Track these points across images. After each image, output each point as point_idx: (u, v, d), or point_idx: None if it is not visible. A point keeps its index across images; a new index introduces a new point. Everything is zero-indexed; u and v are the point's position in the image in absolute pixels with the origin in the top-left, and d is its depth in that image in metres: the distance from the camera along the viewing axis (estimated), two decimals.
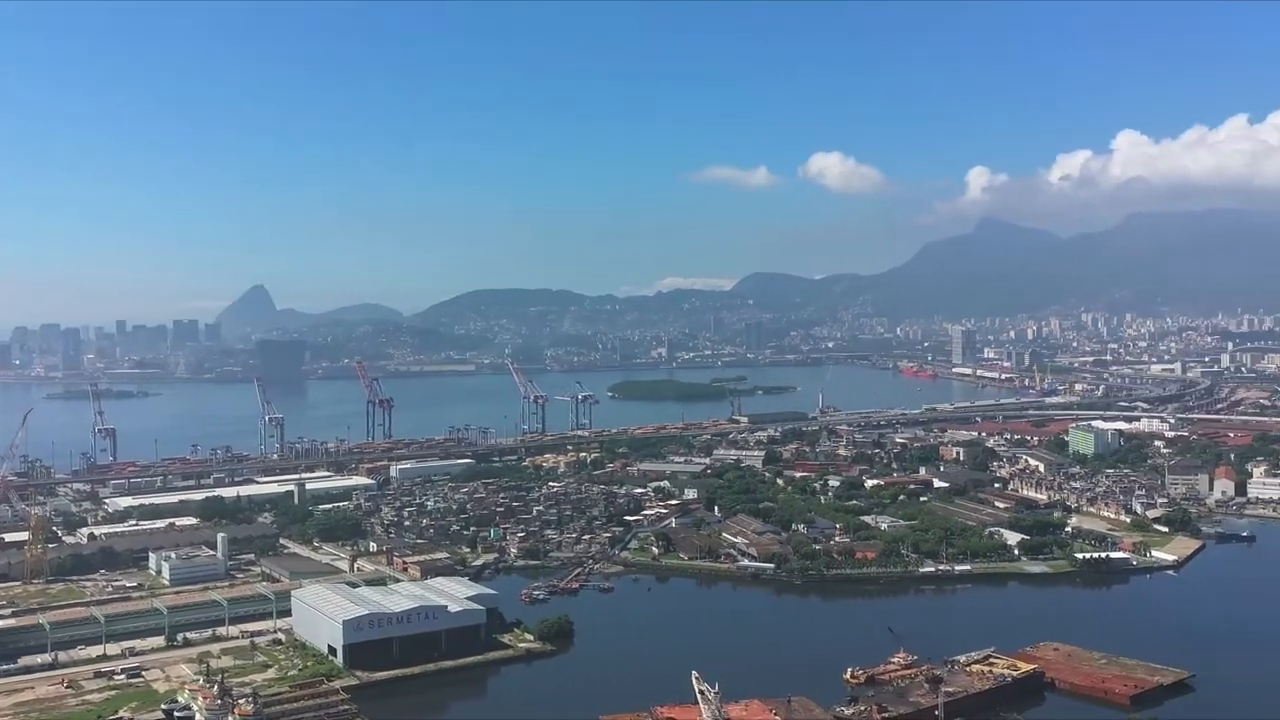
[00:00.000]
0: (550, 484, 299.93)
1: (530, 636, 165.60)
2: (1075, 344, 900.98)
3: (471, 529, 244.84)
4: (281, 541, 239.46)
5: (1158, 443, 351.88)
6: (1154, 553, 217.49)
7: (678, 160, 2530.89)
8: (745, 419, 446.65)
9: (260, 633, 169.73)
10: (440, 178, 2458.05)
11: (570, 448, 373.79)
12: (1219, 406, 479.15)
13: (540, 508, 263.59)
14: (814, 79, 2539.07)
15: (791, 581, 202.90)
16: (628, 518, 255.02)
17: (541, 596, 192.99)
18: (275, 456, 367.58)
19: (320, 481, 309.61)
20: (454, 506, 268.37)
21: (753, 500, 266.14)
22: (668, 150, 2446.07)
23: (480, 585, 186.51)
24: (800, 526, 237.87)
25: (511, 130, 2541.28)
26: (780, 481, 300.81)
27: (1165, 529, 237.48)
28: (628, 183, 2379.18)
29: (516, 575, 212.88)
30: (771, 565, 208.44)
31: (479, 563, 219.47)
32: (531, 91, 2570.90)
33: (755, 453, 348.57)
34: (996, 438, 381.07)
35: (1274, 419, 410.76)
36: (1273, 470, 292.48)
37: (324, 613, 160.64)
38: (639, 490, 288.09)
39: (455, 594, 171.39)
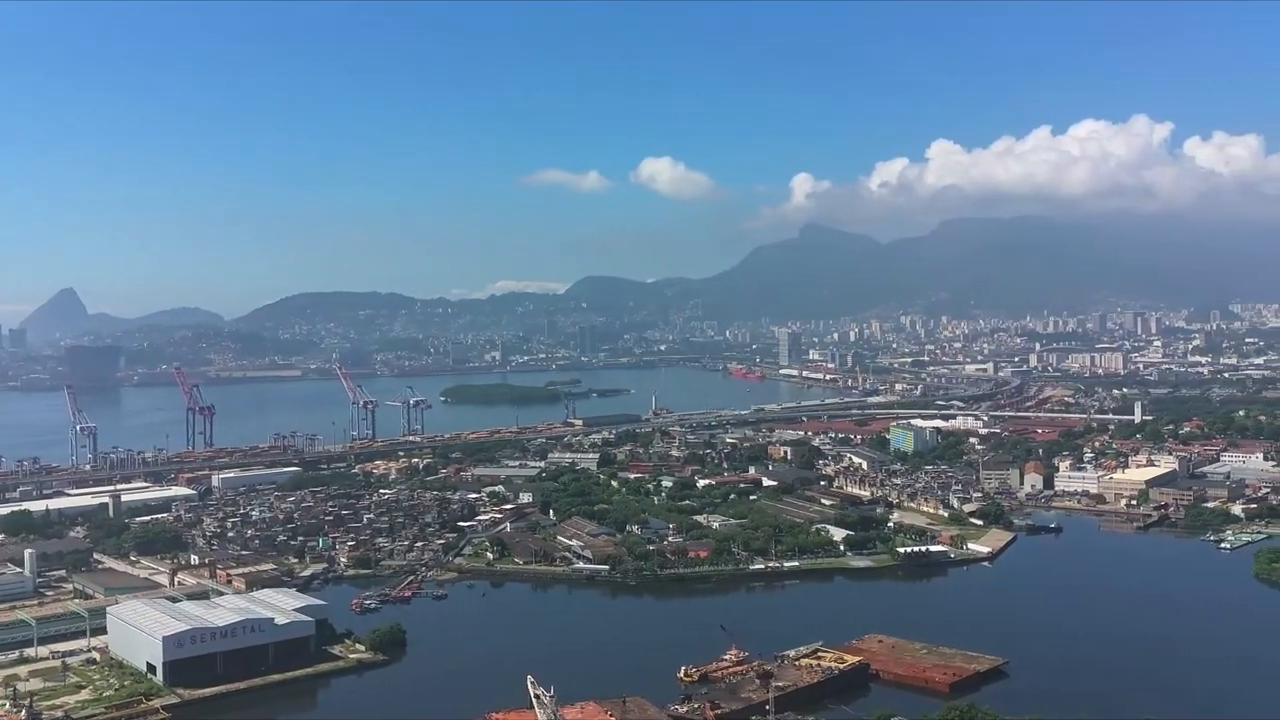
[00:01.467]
0: (381, 491, 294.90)
1: (361, 647, 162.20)
2: (895, 345, 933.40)
3: (299, 539, 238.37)
4: (96, 556, 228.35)
5: (972, 439, 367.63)
6: (970, 545, 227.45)
7: (510, 163, 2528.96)
8: (580, 422, 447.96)
9: (73, 652, 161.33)
10: (263, 177, 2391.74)
11: (402, 454, 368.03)
12: (1028, 404, 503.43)
13: (371, 515, 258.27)
14: (644, 85, 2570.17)
15: (626, 582, 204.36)
16: (461, 523, 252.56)
17: (373, 605, 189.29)
18: (88, 467, 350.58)
19: (137, 493, 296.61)
20: (280, 516, 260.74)
21: (588, 503, 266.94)
22: (500, 153, 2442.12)
23: (309, 596, 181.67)
24: (635, 527, 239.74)
25: (338, 129, 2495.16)
26: (615, 483, 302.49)
27: (980, 522, 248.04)
28: (459, 184, 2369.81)
29: (347, 585, 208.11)
30: (606, 567, 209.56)
31: (307, 573, 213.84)
32: (359, 90, 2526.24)
33: (590, 455, 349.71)
34: (822, 436, 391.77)
35: (1078, 415, 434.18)
36: (1077, 464, 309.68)
37: (142, 629, 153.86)
38: (473, 495, 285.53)
39: (282, 606, 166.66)
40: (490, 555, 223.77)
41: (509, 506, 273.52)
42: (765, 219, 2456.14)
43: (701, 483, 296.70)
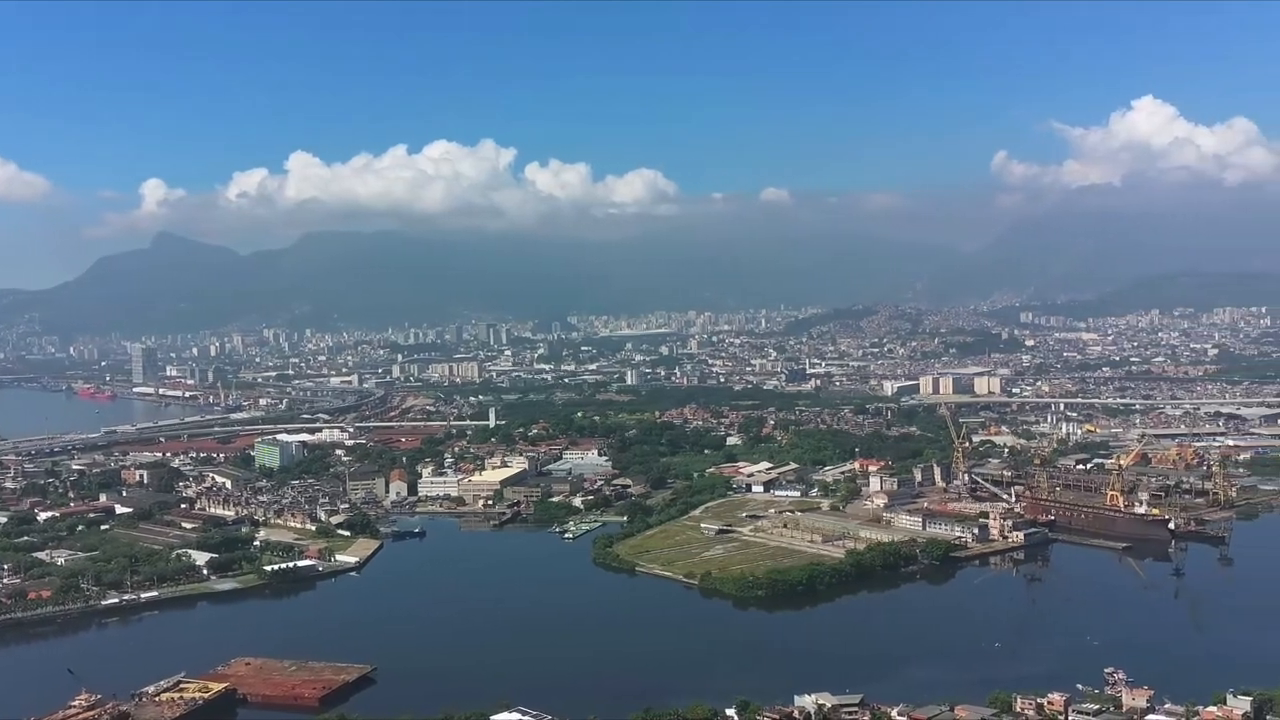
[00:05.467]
0: None
1: None
2: (259, 359, 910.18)
3: None
4: None
5: (339, 451, 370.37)
6: (338, 556, 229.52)
7: None
8: None
9: None
10: None
11: None
12: (392, 414, 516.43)
13: None
14: None
15: None
16: None
17: None
18: None
19: None
20: None
21: None
22: None
23: None
24: None
25: None
26: None
27: (348, 533, 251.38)
28: None
29: None
30: None
31: None
32: None
33: None
34: (183, 457, 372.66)
35: (439, 423, 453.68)
36: (438, 470, 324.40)
37: None
38: None
39: None
40: None
41: None
42: (113, 227, 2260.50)
43: (43, 515, 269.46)
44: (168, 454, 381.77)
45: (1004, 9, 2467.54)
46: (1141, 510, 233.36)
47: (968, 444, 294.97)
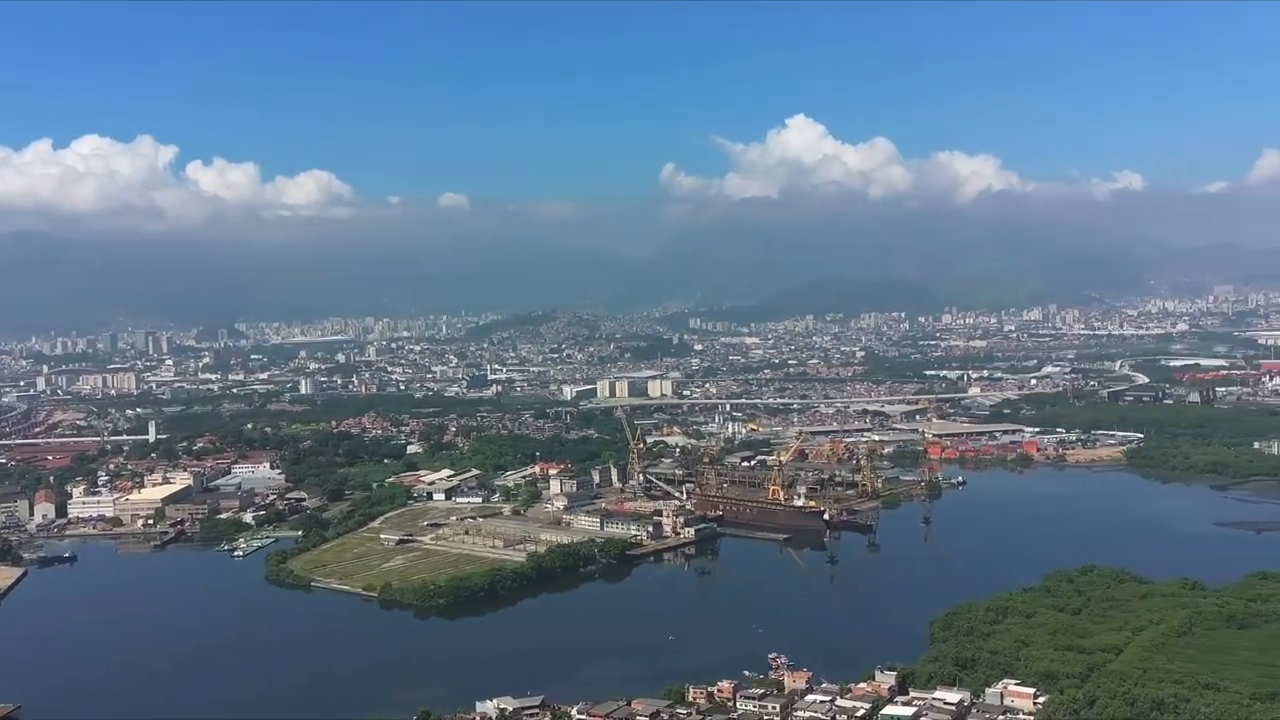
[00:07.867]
0: None
1: None
2: None
3: None
4: None
5: None
6: None
7: None
8: None
9: None
10: None
11: None
12: (37, 430, 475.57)
13: None
14: None
15: None
16: None
17: None
18: None
19: None
20: None
21: None
22: None
23: None
24: None
25: None
26: None
27: None
28: None
29: None
30: None
31: None
32: None
33: None
34: None
35: (92, 439, 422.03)
36: (91, 489, 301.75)
37: None
38: None
39: None
40: None
41: None
42: None
43: None
44: None
45: (667, 23, 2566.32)
46: (800, 503, 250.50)
47: (642, 445, 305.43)
